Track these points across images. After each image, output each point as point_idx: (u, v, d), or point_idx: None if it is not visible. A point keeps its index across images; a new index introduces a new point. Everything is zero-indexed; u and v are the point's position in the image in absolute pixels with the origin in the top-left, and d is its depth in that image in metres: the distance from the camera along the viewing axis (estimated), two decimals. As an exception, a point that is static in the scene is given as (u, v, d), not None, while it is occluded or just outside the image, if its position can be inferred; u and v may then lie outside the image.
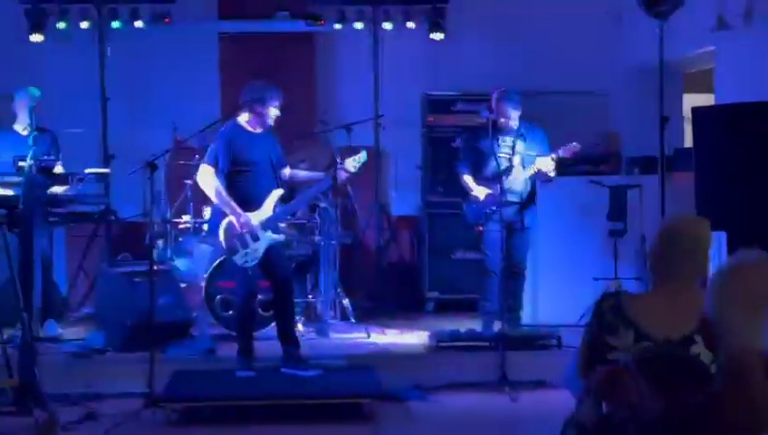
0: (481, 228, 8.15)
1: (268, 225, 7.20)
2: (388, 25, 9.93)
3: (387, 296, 9.64)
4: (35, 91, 8.36)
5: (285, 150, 7.71)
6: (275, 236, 7.25)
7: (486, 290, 8.20)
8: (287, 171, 7.45)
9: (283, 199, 7.39)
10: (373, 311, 9.42)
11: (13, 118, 8.44)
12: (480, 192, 8.11)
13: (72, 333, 8.43)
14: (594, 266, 8.50)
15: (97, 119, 9.73)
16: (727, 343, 1.90)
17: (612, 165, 9.67)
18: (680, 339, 3.06)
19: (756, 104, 6.96)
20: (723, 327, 1.93)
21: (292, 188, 7.84)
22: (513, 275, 8.15)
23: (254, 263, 7.18)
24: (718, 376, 1.98)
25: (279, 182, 7.36)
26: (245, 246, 7.13)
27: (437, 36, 9.91)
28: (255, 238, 7.15)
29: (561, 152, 8.01)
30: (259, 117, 7.23)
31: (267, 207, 7.19)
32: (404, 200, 10.35)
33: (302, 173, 7.64)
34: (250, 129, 7.24)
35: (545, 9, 10.17)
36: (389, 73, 9.92)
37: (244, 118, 7.25)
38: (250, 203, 7.16)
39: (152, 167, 6.46)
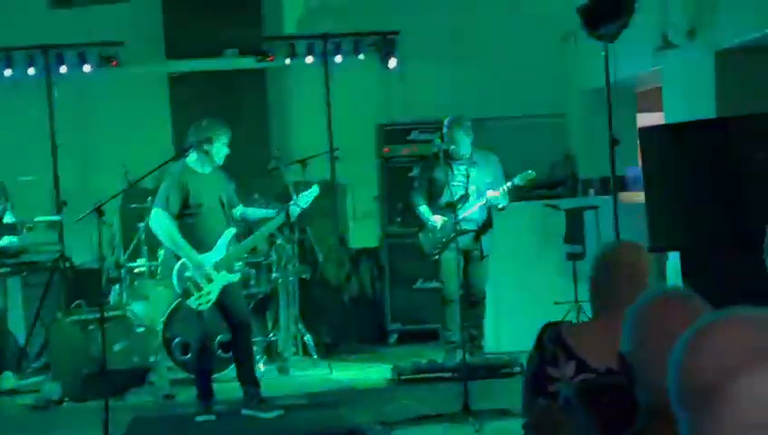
0: (437, 257, 8.11)
1: (222, 265, 7.10)
2: (338, 58, 9.89)
3: (349, 330, 9.57)
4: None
5: (239, 187, 7.64)
6: (230, 276, 7.16)
7: (446, 319, 8.15)
8: (239, 210, 7.36)
9: (237, 238, 7.30)
10: (335, 346, 9.34)
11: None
12: (437, 220, 8.08)
13: (30, 384, 8.27)
14: (554, 290, 8.46)
15: (48, 165, 9.62)
16: (649, 379, 1.84)
17: (568, 188, 9.67)
18: (622, 369, 3.00)
19: (699, 122, 6.98)
20: (643, 363, 1.88)
21: (248, 227, 7.75)
22: (473, 304, 8.10)
23: (208, 305, 7.08)
24: (640, 413, 1.92)
25: (232, 222, 7.27)
26: (199, 288, 7.03)
27: (388, 67, 9.88)
28: (209, 280, 7.04)
29: (516, 181, 8.00)
30: (207, 156, 7.13)
31: (220, 248, 7.10)
32: (363, 232, 10.29)
33: (255, 211, 7.54)
34: (199, 169, 7.15)
35: (497, 35, 10.18)
36: (343, 106, 9.89)
37: (192, 158, 7.15)
38: (202, 244, 7.06)
39: (99, 211, 6.36)
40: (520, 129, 10.24)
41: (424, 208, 8.21)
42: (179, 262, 7.03)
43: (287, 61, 9.85)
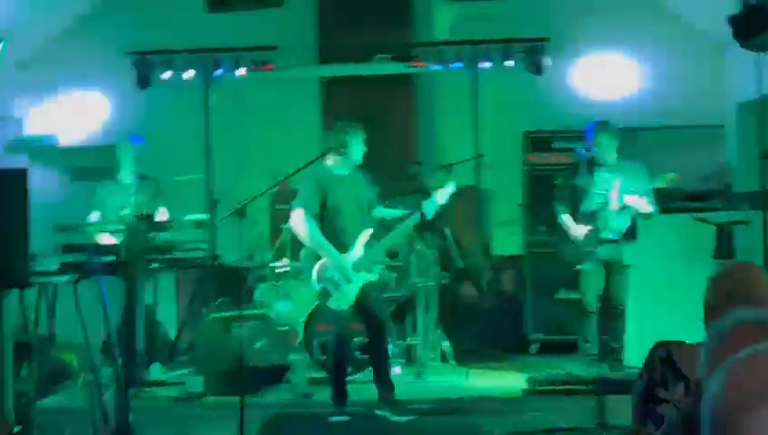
0: (579, 267, 7.99)
1: (360, 265, 7.20)
2: (486, 64, 9.85)
3: (489, 338, 9.52)
4: (137, 141, 8.60)
5: (382, 192, 7.70)
6: (368, 276, 7.24)
7: (586, 331, 8.02)
8: (376, 210, 7.45)
9: (375, 238, 7.38)
10: (475, 353, 9.32)
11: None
12: (579, 230, 7.96)
13: (176, 377, 8.56)
14: (701, 307, 8.18)
15: (202, 166, 9.93)
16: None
17: (721, 201, 9.35)
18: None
19: None
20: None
21: (387, 228, 7.82)
22: (613, 316, 7.95)
23: (347, 305, 7.18)
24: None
25: (369, 222, 7.35)
26: (338, 288, 7.15)
27: (536, 74, 9.77)
28: (348, 280, 7.15)
29: (657, 183, 7.80)
30: (344, 158, 7.25)
31: (358, 248, 7.20)
32: (506, 239, 10.23)
33: (391, 211, 7.59)
34: (336, 171, 7.27)
35: (648, 43, 9.96)
36: (489, 112, 9.84)
37: (330, 160, 7.29)
38: (340, 245, 7.18)
39: (241, 213, 6.53)
40: (673, 139, 9.98)
41: (566, 218, 8.11)
42: (319, 262, 7.16)
43: (435, 66, 9.88)
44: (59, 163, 10.82)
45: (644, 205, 7.78)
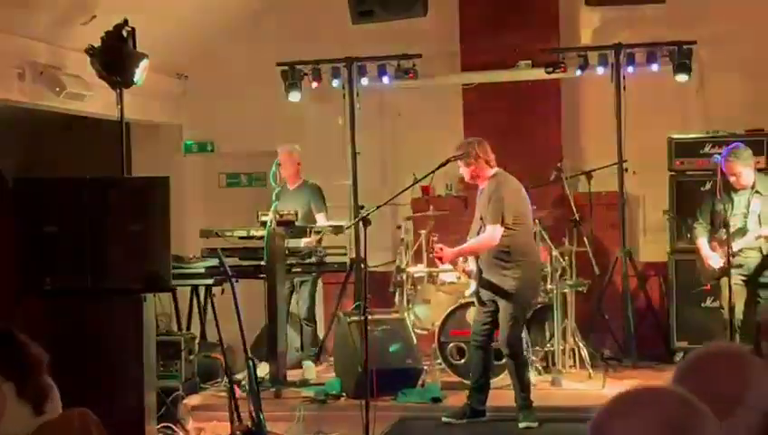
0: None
1: None
2: (630, 69, 9.71)
3: (632, 346, 9.39)
4: (280, 148, 9.00)
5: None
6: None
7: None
8: None
9: None
10: (616, 361, 9.24)
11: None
12: (711, 260, 7.90)
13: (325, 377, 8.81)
14: None
15: (349, 171, 10.19)
16: None
17: None
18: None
19: None
20: None
21: None
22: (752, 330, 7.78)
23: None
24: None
25: None
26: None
27: (683, 78, 9.56)
28: None
29: None
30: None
31: None
32: (652, 246, 10.08)
33: None
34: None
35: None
36: (635, 117, 9.70)
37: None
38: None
39: (365, 221, 6.70)
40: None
41: (702, 242, 8.06)
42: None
43: (578, 72, 9.80)
44: (215, 169, 11.32)
45: None
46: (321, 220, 9.24)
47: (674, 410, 1.57)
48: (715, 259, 7.93)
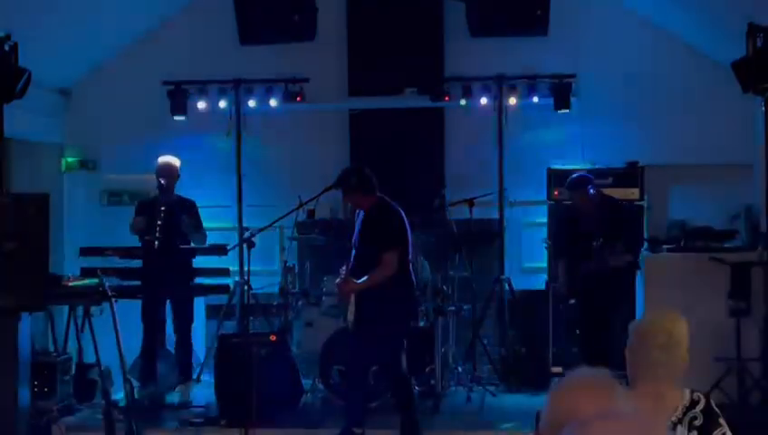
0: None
1: None
2: (513, 100, 9.96)
3: (509, 371, 9.56)
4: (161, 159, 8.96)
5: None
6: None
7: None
8: None
9: None
10: (493, 385, 9.39)
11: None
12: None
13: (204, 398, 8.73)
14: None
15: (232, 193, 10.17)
16: None
17: (744, 241, 9.38)
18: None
19: None
20: None
21: None
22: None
23: None
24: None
25: None
26: None
27: (564, 110, 9.85)
28: None
29: None
30: None
31: None
32: (530, 274, 10.33)
33: None
34: None
35: (675, 81, 10.04)
36: (515, 148, 9.94)
37: None
38: None
39: (249, 243, 6.72)
40: (702, 177, 10.05)
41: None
42: None
43: (462, 101, 10.01)
44: (98, 188, 11.14)
45: None
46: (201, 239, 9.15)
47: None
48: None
